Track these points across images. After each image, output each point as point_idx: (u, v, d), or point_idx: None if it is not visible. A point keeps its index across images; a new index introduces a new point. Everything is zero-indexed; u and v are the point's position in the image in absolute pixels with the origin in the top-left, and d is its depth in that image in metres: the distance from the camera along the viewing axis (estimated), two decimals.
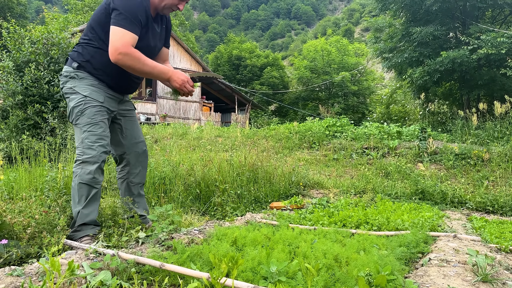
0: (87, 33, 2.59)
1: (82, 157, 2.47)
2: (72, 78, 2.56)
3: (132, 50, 2.37)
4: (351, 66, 29.57)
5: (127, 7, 2.39)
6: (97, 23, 2.53)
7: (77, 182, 2.43)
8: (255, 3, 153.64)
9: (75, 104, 2.51)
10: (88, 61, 2.56)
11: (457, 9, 13.29)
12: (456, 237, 2.72)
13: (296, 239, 2.42)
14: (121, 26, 2.36)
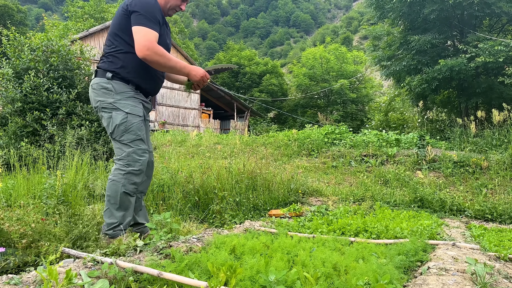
0: (112, 42, 2.69)
1: (128, 168, 2.62)
2: (109, 92, 2.64)
3: (158, 46, 2.52)
4: (350, 74, 29.69)
5: (145, 8, 2.55)
6: (120, 29, 2.64)
7: (121, 191, 2.58)
8: (254, 11, 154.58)
9: (120, 122, 2.62)
10: (122, 67, 2.65)
11: (454, 17, 13.37)
12: (455, 246, 2.71)
13: (295, 247, 2.41)
14: (144, 25, 2.51)
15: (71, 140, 4.82)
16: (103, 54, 2.73)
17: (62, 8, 45.38)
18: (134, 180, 2.64)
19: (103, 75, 2.66)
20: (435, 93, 14.58)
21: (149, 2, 2.60)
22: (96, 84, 2.67)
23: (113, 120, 2.63)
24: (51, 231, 2.38)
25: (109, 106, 2.63)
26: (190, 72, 2.73)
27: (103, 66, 2.68)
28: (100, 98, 2.65)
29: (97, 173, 4.71)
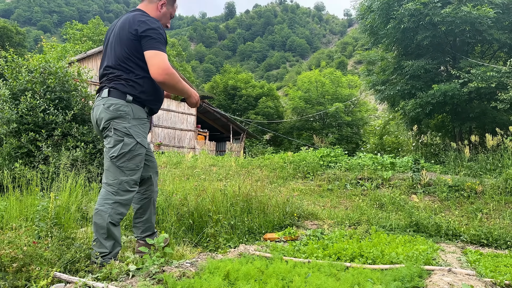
0: (126, 67, 2.70)
1: (116, 197, 2.61)
2: (126, 115, 2.66)
3: (172, 69, 2.61)
4: (345, 97, 30.01)
5: (155, 31, 2.63)
6: (133, 54, 2.67)
7: (107, 221, 2.55)
8: (251, 36, 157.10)
9: (128, 149, 2.65)
10: (142, 92, 2.73)
11: (447, 44, 13.65)
12: (451, 271, 2.69)
13: (290, 273, 2.39)
14: (159, 49, 2.60)
15: (65, 161, 4.80)
16: (116, 76, 2.72)
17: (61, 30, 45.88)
18: (121, 211, 2.63)
19: (122, 96, 2.66)
20: (429, 117, 14.73)
21: (156, 24, 2.68)
22: (113, 105, 2.65)
23: (122, 146, 2.64)
24: (43, 255, 2.34)
25: (123, 130, 2.65)
26: (191, 95, 2.87)
27: (121, 88, 2.68)
28: (115, 119, 2.65)
29: (91, 195, 4.67)
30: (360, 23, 15.42)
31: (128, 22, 2.69)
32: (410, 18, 12.25)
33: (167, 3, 2.91)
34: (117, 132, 2.64)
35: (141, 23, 2.63)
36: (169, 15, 2.96)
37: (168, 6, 2.92)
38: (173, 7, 2.97)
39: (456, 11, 11.50)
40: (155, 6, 2.87)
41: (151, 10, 2.85)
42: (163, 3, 2.88)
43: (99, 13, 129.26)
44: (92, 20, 37.24)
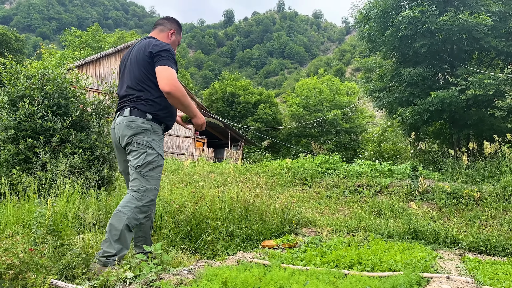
0: (143, 85, 2.96)
1: (139, 203, 2.82)
2: (146, 131, 2.93)
3: (180, 84, 2.86)
4: (343, 104, 30.09)
5: (167, 51, 2.91)
6: (150, 72, 2.94)
7: (124, 223, 2.72)
8: (250, 43, 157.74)
9: (151, 159, 2.90)
10: (160, 110, 2.99)
11: (444, 51, 13.74)
12: (449, 279, 2.69)
13: (288, 281, 2.38)
14: (168, 65, 2.85)
15: (63, 168, 4.78)
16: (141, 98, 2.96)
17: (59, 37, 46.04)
18: (139, 217, 2.82)
19: (142, 115, 2.92)
20: (427, 125, 14.77)
21: (167, 46, 2.95)
22: (134, 123, 2.90)
23: (146, 156, 2.88)
24: (39, 262, 2.33)
25: (145, 143, 2.90)
26: (196, 115, 3.08)
27: (140, 107, 2.93)
28: (137, 135, 2.90)
29: (88, 202, 4.65)
30: (358, 31, 15.51)
31: (144, 46, 2.97)
32: (407, 26, 12.34)
33: (176, 32, 3.25)
34: (139, 145, 2.90)
35: (155, 46, 2.91)
36: (177, 43, 3.29)
37: (176, 35, 3.26)
38: (180, 35, 3.30)
39: (453, 19, 11.59)
40: (166, 35, 3.20)
41: (163, 38, 3.17)
42: (173, 32, 3.22)
43: (98, 20, 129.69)
44: (91, 27, 37.35)
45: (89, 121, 5.92)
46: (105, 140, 5.91)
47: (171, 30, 3.22)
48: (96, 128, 5.94)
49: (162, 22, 3.26)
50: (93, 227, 4.16)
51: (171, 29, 3.23)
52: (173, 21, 3.29)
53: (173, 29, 3.23)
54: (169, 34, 3.21)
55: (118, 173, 6.67)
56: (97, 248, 3.01)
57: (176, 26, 3.28)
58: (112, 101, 6.49)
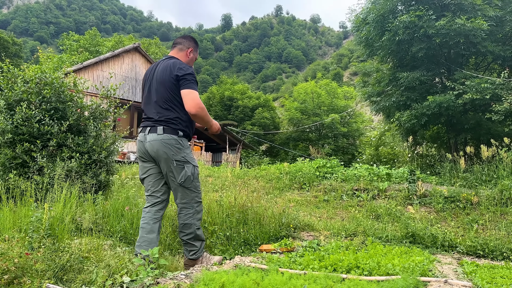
0: (171, 105, 3.29)
1: (193, 210, 3.37)
2: (180, 148, 3.29)
3: (203, 104, 3.24)
4: (341, 109, 30.13)
5: (191, 75, 3.24)
6: (176, 93, 3.26)
7: (194, 228, 3.37)
8: (248, 47, 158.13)
9: (191, 173, 3.32)
10: (187, 126, 3.36)
11: (442, 55, 13.80)
12: (447, 283, 2.68)
13: (285, 285, 2.37)
14: (193, 88, 3.20)
15: (60, 172, 4.77)
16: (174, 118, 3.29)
17: (57, 41, 45.97)
18: (199, 217, 3.45)
19: (174, 133, 3.27)
20: (425, 129, 14.80)
21: (190, 70, 3.29)
22: (168, 139, 3.25)
23: (186, 171, 3.29)
24: (35, 266, 2.31)
25: (182, 159, 3.29)
26: (213, 125, 3.49)
27: (174, 126, 3.28)
28: (173, 152, 3.26)
29: (86, 206, 4.63)
30: (356, 35, 15.57)
31: (169, 69, 3.27)
32: (405, 30, 12.39)
33: (193, 50, 3.55)
34: (178, 162, 3.26)
35: (180, 70, 3.23)
36: (194, 59, 3.60)
37: (194, 52, 3.56)
38: (197, 52, 3.61)
39: (450, 23, 11.65)
40: (185, 53, 3.51)
41: (182, 57, 3.49)
42: (191, 50, 3.53)
43: (96, 25, 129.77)
44: (89, 31, 37.36)
45: (86, 125, 5.91)
46: (102, 144, 5.90)
47: (189, 48, 3.52)
48: (93, 132, 5.93)
49: (180, 41, 3.55)
50: (90, 231, 4.14)
51: (189, 47, 3.52)
52: (190, 39, 3.58)
53: (191, 48, 3.53)
54: (187, 53, 3.51)
55: (115, 177, 6.65)
56: (93, 252, 2.99)
57: (194, 44, 3.56)
58: (109, 105, 6.48)
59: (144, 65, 19.22)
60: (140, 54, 19.11)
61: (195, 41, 3.60)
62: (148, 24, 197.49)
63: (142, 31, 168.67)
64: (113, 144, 6.23)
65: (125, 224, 4.32)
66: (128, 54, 18.67)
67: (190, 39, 3.58)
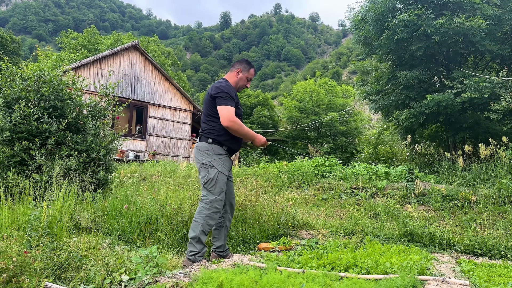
0: (208, 121, 3.75)
1: (207, 212, 3.59)
2: (209, 153, 3.68)
3: (236, 118, 3.60)
4: (339, 107, 30.11)
5: (225, 91, 3.62)
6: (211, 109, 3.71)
7: (200, 229, 3.55)
8: (246, 46, 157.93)
9: (213, 176, 3.63)
10: (220, 136, 3.71)
11: (440, 54, 13.80)
12: (445, 281, 2.69)
13: (284, 283, 2.37)
14: (226, 104, 3.58)
15: (59, 170, 4.76)
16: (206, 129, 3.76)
17: (56, 39, 45.88)
18: (210, 223, 3.59)
19: (205, 140, 3.72)
20: (423, 127, 14.82)
21: (225, 85, 3.69)
22: (200, 146, 3.73)
23: (209, 174, 3.63)
24: (33, 265, 2.31)
25: (208, 163, 3.66)
26: (255, 139, 3.81)
27: (206, 135, 3.73)
28: (202, 157, 3.69)
29: (84, 204, 4.63)
30: (355, 34, 15.56)
31: (210, 89, 3.74)
32: (403, 29, 12.39)
33: (242, 70, 3.89)
34: (205, 165, 3.67)
35: (215, 89, 3.65)
36: (245, 79, 3.92)
37: (243, 72, 3.90)
38: (248, 72, 3.93)
39: (449, 22, 11.65)
40: (234, 73, 3.89)
41: (231, 76, 3.89)
42: (239, 71, 3.88)
43: (95, 22, 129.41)
44: (88, 29, 37.27)
45: (85, 123, 5.90)
46: (101, 143, 5.89)
47: (238, 69, 3.88)
48: (92, 131, 5.92)
49: (234, 64, 3.96)
50: (89, 229, 4.14)
51: (238, 68, 3.89)
52: (243, 62, 3.96)
53: (239, 68, 3.88)
54: (236, 73, 3.88)
55: (114, 175, 6.65)
56: (92, 251, 3.00)
57: (244, 65, 3.91)
58: (108, 103, 6.47)
59: (143, 63, 19.19)
60: (138, 52, 19.07)
61: (246, 63, 3.96)
62: (147, 22, 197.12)
63: (141, 29, 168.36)
64: (112, 142, 6.23)
65: (123, 223, 4.32)
66: (127, 52, 18.62)
67: (243, 61, 3.97)
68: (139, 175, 9.92)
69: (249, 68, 3.95)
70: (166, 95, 20.13)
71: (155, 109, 19.56)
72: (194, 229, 3.58)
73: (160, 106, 19.72)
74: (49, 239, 2.91)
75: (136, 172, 10.40)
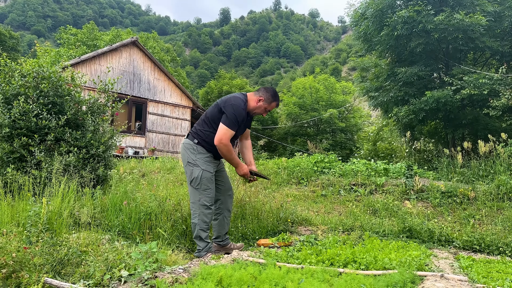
0: (203, 124, 3.83)
1: (199, 211, 3.69)
2: (193, 151, 3.77)
3: (228, 143, 3.62)
4: (339, 104, 30.09)
5: (233, 115, 3.63)
6: (212, 118, 3.76)
7: (197, 229, 3.70)
8: (246, 42, 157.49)
9: (197, 175, 3.70)
10: (204, 141, 3.77)
11: (440, 51, 13.78)
12: (443, 277, 2.70)
13: (283, 279, 2.38)
14: (227, 126, 3.61)
15: (58, 166, 4.76)
16: (197, 129, 3.85)
17: (55, 35, 45.67)
18: (205, 219, 3.69)
19: (192, 139, 3.81)
20: (422, 124, 14.81)
21: (239, 108, 3.67)
22: (186, 143, 3.82)
23: (193, 173, 3.71)
24: (33, 260, 2.31)
25: (193, 162, 3.74)
26: (237, 167, 3.87)
27: (193, 134, 3.83)
28: (188, 154, 3.77)
29: (84, 200, 4.64)
30: (354, 30, 15.52)
31: (224, 101, 3.75)
32: (403, 25, 12.36)
33: (265, 100, 3.86)
34: (189, 163, 3.76)
35: (229, 106, 3.65)
36: (263, 109, 3.90)
37: (264, 103, 3.88)
38: (269, 104, 3.90)
39: (448, 18, 11.62)
40: (256, 98, 3.87)
41: (252, 99, 3.87)
42: (261, 100, 3.86)
43: (94, 18, 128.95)
44: (87, 25, 37.12)
45: (84, 119, 5.90)
46: (100, 139, 5.89)
47: (261, 97, 3.86)
48: (91, 127, 5.92)
49: (261, 89, 3.95)
50: (88, 225, 4.14)
51: (261, 97, 3.86)
52: (268, 91, 3.91)
53: (262, 97, 3.85)
54: (258, 99, 3.86)
55: (113, 171, 6.65)
56: (92, 247, 3.00)
57: (268, 96, 3.87)
58: (107, 100, 6.46)
59: (142, 59, 19.15)
60: (138, 48, 19.03)
61: (272, 96, 3.90)
62: (146, 18, 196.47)
63: (140, 25, 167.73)
64: (111, 138, 6.23)
65: (123, 219, 4.33)
66: (126, 48, 18.58)
67: (269, 91, 3.91)
68: (139, 171, 9.92)
69: (271, 101, 3.91)
70: (166, 91, 20.10)
71: (155, 106, 19.54)
72: (193, 229, 3.74)
73: (159, 102, 19.70)
74: (49, 235, 2.91)
75: (135, 168, 10.40)
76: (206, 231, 3.72)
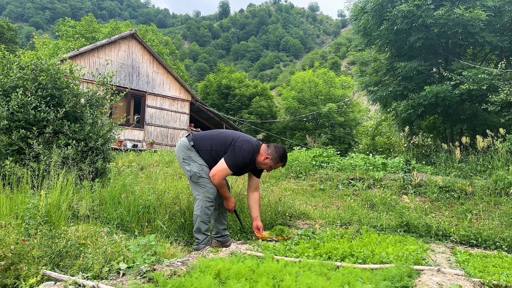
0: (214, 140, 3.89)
1: (202, 203, 3.76)
2: (187, 149, 3.87)
3: (222, 181, 3.78)
4: (338, 98, 30.07)
5: (238, 157, 3.73)
6: (219, 143, 3.85)
7: (199, 221, 3.77)
8: (245, 35, 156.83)
9: (196, 170, 3.79)
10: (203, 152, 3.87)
11: (439, 46, 13.76)
12: (440, 271, 2.72)
13: (280, 272, 2.39)
14: (227, 164, 3.72)
15: (56, 159, 4.76)
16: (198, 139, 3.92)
17: (53, 27, 45.41)
18: (207, 212, 3.77)
19: (190, 140, 3.89)
20: (421, 119, 14.82)
21: (244, 152, 3.74)
22: (183, 142, 3.90)
23: (192, 168, 3.79)
24: (31, 253, 2.32)
25: (189, 159, 3.84)
26: (227, 201, 4.00)
27: (193, 140, 3.90)
28: (183, 152, 3.87)
29: (82, 193, 4.64)
30: (354, 24, 15.47)
31: (237, 137, 3.85)
32: (403, 20, 12.33)
33: (272, 159, 3.90)
34: (185, 160, 3.85)
35: (238, 146, 3.75)
36: (269, 166, 3.96)
37: (271, 161, 3.91)
38: (275, 164, 3.95)
39: (448, 13, 11.59)
40: (265, 154, 3.89)
41: (261, 154, 3.90)
42: (269, 158, 3.89)
43: (92, 10, 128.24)
44: (85, 17, 36.88)
45: (82, 112, 5.88)
46: (99, 132, 5.88)
47: (268, 156, 3.89)
48: (90, 120, 5.91)
49: (272, 145, 3.94)
50: (87, 218, 4.15)
51: (269, 155, 3.89)
52: (278, 151, 3.92)
53: (270, 157, 3.88)
54: (265, 156, 3.90)
55: (112, 164, 6.65)
56: (90, 239, 3.01)
57: (276, 157, 3.90)
58: (105, 92, 6.44)
59: (141, 52, 19.07)
60: (136, 41, 18.94)
61: (280, 157, 3.93)
62: (145, 10, 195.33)
63: (138, 18, 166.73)
64: (110, 131, 6.22)
65: (122, 212, 4.33)
66: (125, 41, 18.50)
67: (279, 151, 3.92)
68: (137, 164, 9.92)
69: (277, 161, 3.94)
70: (164, 84, 20.04)
71: (153, 99, 19.50)
72: (194, 221, 3.80)
73: (158, 95, 19.66)
74: (47, 227, 2.92)
75: (134, 161, 10.40)
76: (207, 224, 3.77)
